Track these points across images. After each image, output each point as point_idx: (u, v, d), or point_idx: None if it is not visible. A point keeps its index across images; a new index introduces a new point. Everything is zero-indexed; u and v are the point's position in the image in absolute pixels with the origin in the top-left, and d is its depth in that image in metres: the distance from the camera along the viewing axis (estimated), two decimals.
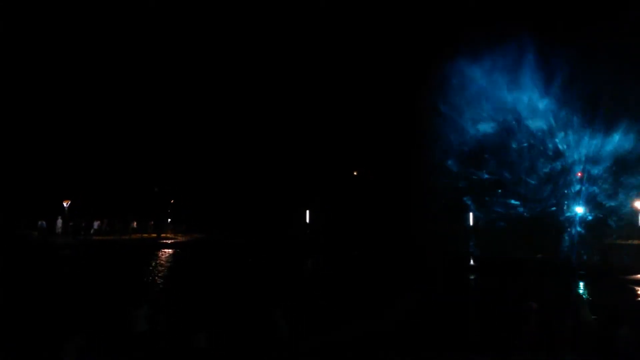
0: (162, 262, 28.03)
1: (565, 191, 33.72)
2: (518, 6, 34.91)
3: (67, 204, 38.07)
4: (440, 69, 38.19)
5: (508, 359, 10.25)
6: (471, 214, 37.73)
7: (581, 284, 20.56)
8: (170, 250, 33.47)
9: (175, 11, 44.22)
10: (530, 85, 34.76)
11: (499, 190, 35.51)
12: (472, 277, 24.17)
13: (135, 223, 40.18)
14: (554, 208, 32.86)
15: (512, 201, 34.05)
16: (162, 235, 39.35)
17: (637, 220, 30.66)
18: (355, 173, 46.14)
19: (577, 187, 33.60)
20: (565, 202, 33.43)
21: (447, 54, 36.95)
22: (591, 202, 33.49)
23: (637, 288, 19.55)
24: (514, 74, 34.51)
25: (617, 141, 34.19)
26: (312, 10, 41.25)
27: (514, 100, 35.85)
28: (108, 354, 9.88)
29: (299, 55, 43.21)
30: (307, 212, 43.39)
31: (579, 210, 33.16)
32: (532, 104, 35.80)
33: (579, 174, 34.75)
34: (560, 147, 37.03)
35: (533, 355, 10.16)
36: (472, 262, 26.53)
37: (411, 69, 39.71)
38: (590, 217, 33.14)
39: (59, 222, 36.97)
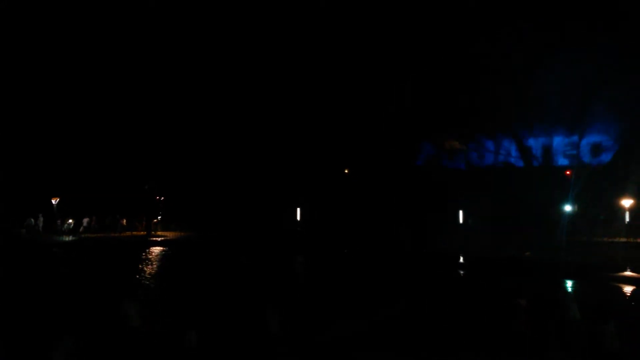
0: (152, 260, 27.90)
1: (554, 190, 34.10)
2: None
3: (55, 201, 37.73)
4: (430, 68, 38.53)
5: (499, 355, 10.35)
6: (461, 212, 37.97)
7: (569, 282, 20.77)
8: (160, 248, 33.31)
9: (167, 8, 43.86)
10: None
11: (490, 189, 35.85)
12: (461, 275, 24.32)
13: (124, 220, 39.93)
14: (542, 206, 33.20)
15: (502, 199, 34.39)
16: (152, 232, 39.14)
17: (624, 218, 31.04)
18: (346, 171, 46.19)
19: (566, 186, 33.99)
20: (554, 201, 33.80)
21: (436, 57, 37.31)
22: (579, 200, 33.89)
23: (624, 286, 19.78)
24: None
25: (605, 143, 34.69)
26: (300, 11, 41.13)
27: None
28: (97, 354, 9.84)
29: (291, 54, 43.10)
30: (298, 209, 43.37)
31: (568, 208, 33.53)
32: (522, 106, 36.23)
33: (568, 173, 35.17)
34: (548, 146, 37.48)
35: (522, 353, 10.26)
36: (461, 260, 26.68)
37: (403, 68, 39.90)
38: (578, 216, 33.54)
39: (41, 219, 36.77)
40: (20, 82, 42.73)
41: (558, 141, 37.15)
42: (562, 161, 36.94)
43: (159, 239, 36.70)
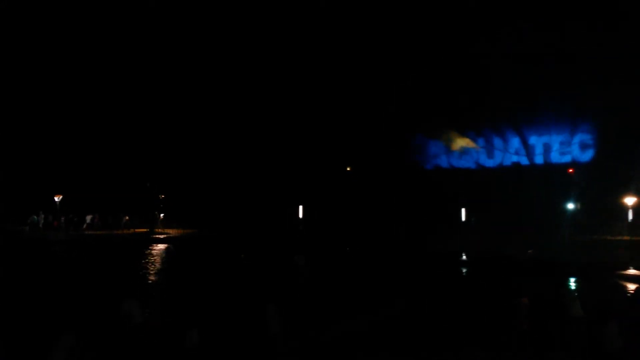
0: (154, 257, 27.94)
1: (556, 188, 34.03)
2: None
3: (58, 198, 37.81)
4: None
5: (500, 355, 10.32)
6: (463, 210, 37.92)
7: (572, 280, 20.71)
8: (163, 246, 33.38)
9: (167, 8, 43.89)
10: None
11: (491, 188, 35.80)
12: (462, 274, 24.27)
13: (127, 218, 40.05)
14: (545, 205, 33.13)
15: (504, 198, 34.34)
16: (155, 230, 39.23)
17: (627, 216, 30.96)
18: (348, 169, 46.18)
19: (569, 184, 33.92)
20: (556, 199, 33.73)
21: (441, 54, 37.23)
22: (582, 198, 33.81)
23: (626, 284, 19.72)
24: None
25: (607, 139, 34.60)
26: (300, 11, 41.13)
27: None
28: (97, 352, 9.82)
29: (292, 54, 43.11)
30: (301, 207, 43.38)
31: (570, 206, 33.47)
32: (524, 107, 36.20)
33: (570, 171, 35.09)
34: (550, 145, 37.40)
35: (525, 351, 10.22)
36: (462, 259, 26.64)
37: (403, 68, 39.86)
38: (580, 213, 33.47)
39: (42, 217, 36.94)
40: (24, 82, 42.85)
41: (560, 139, 37.08)
42: (565, 159, 36.85)
43: (162, 237, 36.81)
